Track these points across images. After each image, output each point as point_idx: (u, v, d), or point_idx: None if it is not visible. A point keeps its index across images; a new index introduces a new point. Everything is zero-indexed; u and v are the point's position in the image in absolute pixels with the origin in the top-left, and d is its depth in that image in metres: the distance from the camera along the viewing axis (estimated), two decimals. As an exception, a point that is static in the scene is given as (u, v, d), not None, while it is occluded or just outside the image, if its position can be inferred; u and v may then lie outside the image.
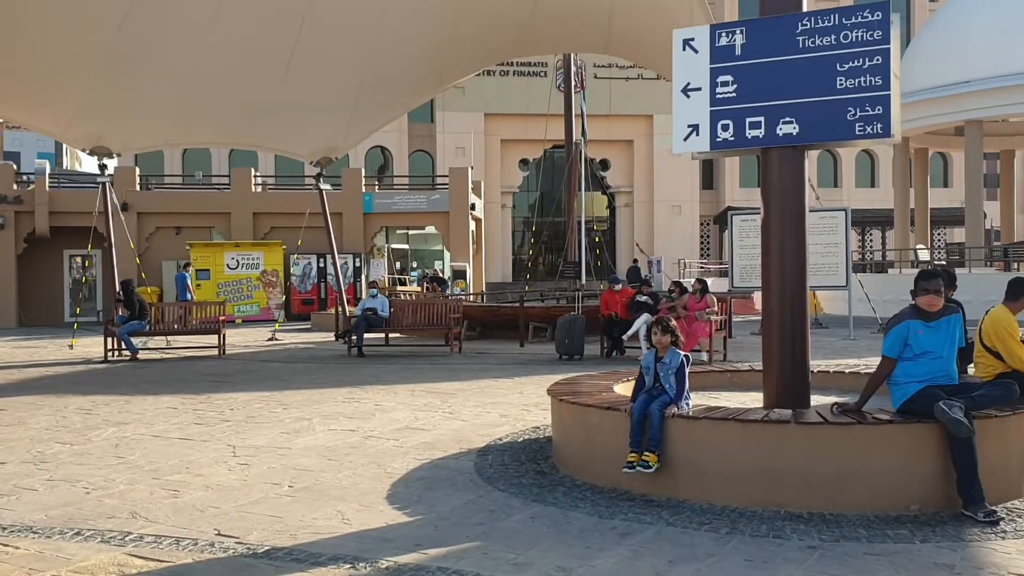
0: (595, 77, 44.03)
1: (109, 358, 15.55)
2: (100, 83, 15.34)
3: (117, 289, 16.44)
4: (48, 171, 27.45)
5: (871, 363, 13.80)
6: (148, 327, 16.03)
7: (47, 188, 26.96)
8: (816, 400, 7.17)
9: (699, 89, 7.02)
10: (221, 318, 16.29)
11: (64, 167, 43.60)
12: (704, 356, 13.53)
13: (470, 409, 9.38)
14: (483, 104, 44.79)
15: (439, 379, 12.09)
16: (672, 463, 5.72)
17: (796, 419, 5.52)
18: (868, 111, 6.46)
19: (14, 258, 26.92)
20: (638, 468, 5.60)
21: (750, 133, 6.85)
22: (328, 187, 19.57)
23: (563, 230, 23.74)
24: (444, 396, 10.38)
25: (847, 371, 8.06)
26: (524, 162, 45.07)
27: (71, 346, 17.91)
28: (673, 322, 6.06)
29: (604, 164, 46.27)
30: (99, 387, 11.84)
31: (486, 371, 12.99)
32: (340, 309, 18.64)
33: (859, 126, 6.51)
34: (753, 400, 7.42)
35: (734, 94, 6.90)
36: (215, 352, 16.10)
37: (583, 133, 28.59)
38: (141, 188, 29.67)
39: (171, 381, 12.35)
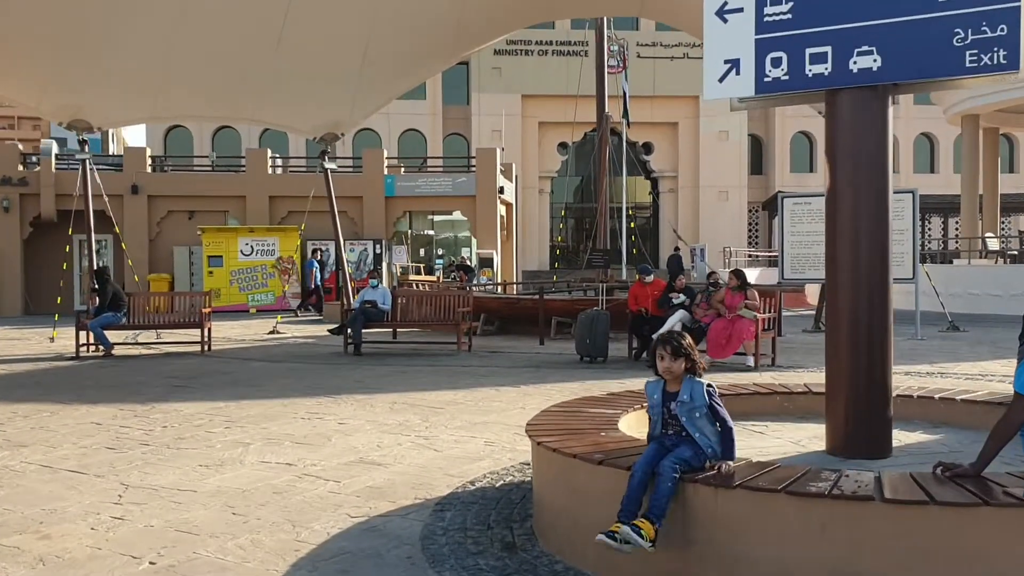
0: (638, 56, 41.95)
1: (81, 354, 13.98)
2: (73, 50, 13.76)
3: (92, 278, 14.82)
4: (55, 151, 26.05)
5: (947, 370, 11.74)
6: (124, 320, 14.41)
7: (53, 170, 25.61)
8: (896, 438, 5.22)
9: (740, 10, 5.08)
10: (205, 310, 14.59)
11: (111, 152, 42.55)
12: (749, 361, 11.55)
13: (452, 432, 7.53)
14: (520, 85, 42.82)
15: (433, 386, 10.26)
16: (692, 549, 3.83)
17: (882, 493, 3.57)
18: (985, 32, 4.46)
19: (19, 243, 25.66)
20: (620, 543, 3.71)
21: (812, 69, 4.90)
22: (333, 167, 17.84)
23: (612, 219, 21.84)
24: (428, 411, 8.55)
25: (937, 396, 6.05)
26: (563, 145, 42.92)
27: (52, 339, 16.42)
28: (687, 339, 4.13)
29: (647, 148, 44.05)
30: (38, 391, 10.24)
31: (491, 375, 11.14)
32: (344, 301, 16.91)
33: (970, 55, 4.53)
34: (811, 437, 5.48)
35: (789, 15, 4.95)
36: (202, 347, 14.44)
37: (625, 115, 26.60)
38: (154, 169, 28.25)
39: (126, 385, 10.69)
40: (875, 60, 4.71)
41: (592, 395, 6.34)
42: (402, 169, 30.09)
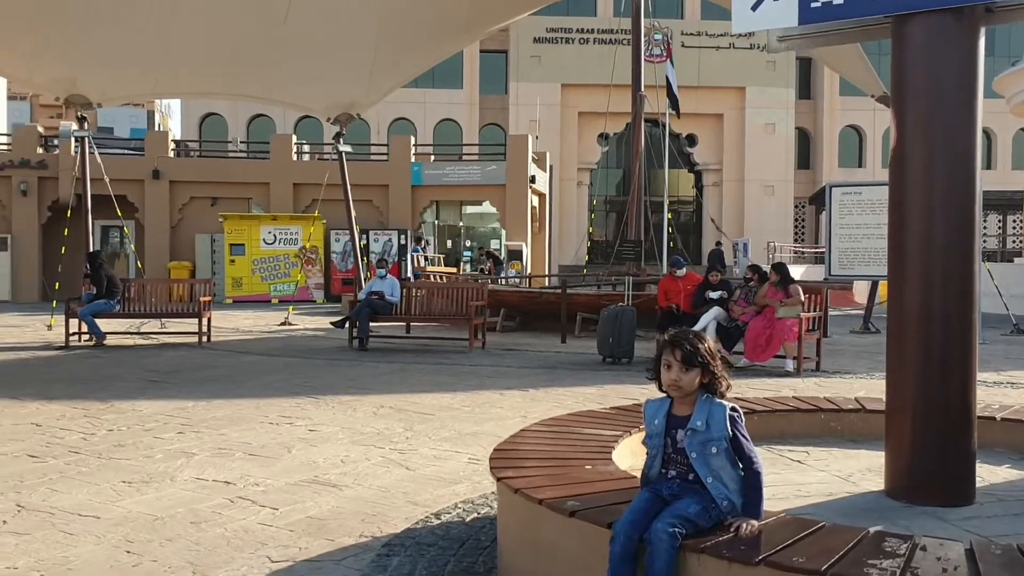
0: (682, 46, 40.52)
1: (72, 343, 13.10)
2: (65, 21, 12.83)
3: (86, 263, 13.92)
4: (75, 133, 25.34)
5: (1017, 379, 10.38)
6: (117, 307, 13.49)
7: (73, 152, 24.89)
8: (978, 475, 4.00)
9: (782, -88, 3.87)
10: (204, 299, 13.62)
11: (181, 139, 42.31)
12: (790, 365, 10.29)
13: (434, 445, 6.41)
14: (560, 74, 41.53)
15: (431, 387, 9.15)
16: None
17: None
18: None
19: (38, 228, 25.04)
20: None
21: (876, -13, 3.67)
22: (348, 149, 16.78)
23: (646, 210, 20.45)
24: (416, 418, 7.44)
25: (1026, 419, 4.80)
26: (604, 136, 41.51)
27: (49, 326, 15.59)
28: (707, 342, 2.94)
29: (691, 139, 42.56)
30: (1, 386, 9.31)
31: (499, 376, 10.00)
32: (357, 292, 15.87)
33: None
34: (865, 470, 4.27)
35: (847, -85, 3.74)
36: (200, 339, 13.48)
37: (671, 105, 25.28)
38: (177, 154, 27.51)
39: (97, 379, 9.73)
40: (964, -28, 3.50)
41: (591, 410, 5.17)
42: (432, 157, 29.04)
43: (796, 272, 25.83)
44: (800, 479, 4.15)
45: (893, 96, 3.85)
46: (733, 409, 2.90)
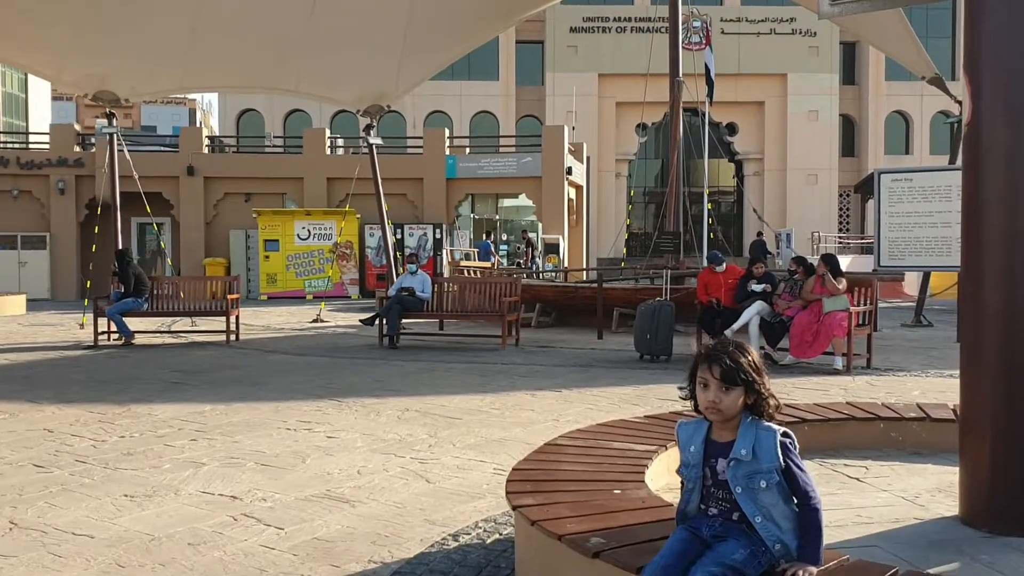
0: (722, 33, 39.74)
1: (100, 342, 12.92)
2: (94, 17, 12.62)
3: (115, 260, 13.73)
4: (104, 129, 25.36)
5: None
6: (145, 306, 13.28)
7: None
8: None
9: None
10: (231, 297, 13.36)
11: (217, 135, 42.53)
12: (839, 362, 9.74)
13: (458, 453, 6.01)
14: (597, 64, 40.90)
15: (460, 388, 8.76)
16: None
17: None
18: None
19: (76, 226, 25.11)
20: None
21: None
22: (379, 142, 16.42)
23: (686, 201, 19.87)
24: (441, 422, 7.05)
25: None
26: (642, 127, 40.78)
27: (81, 325, 15.46)
28: (750, 355, 2.48)
29: (731, 128, 41.72)
30: (18, 386, 9.11)
31: (531, 376, 9.58)
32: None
33: None
34: (933, 490, 3.79)
35: None
36: (227, 337, 13.23)
37: (709, 93, 24.66)
38: (212, 150, 27.42)
39: (119, 381, 9.48)
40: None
41: (623, 419, 4.72)
42: (467, 150, 28.66)
43: (843, 262, 25.13)
44: (860, 501, 3.68)
45: (968, 70, 3.36)
46: (785, 434, 2.45)
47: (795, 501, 2.42)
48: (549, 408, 7.63)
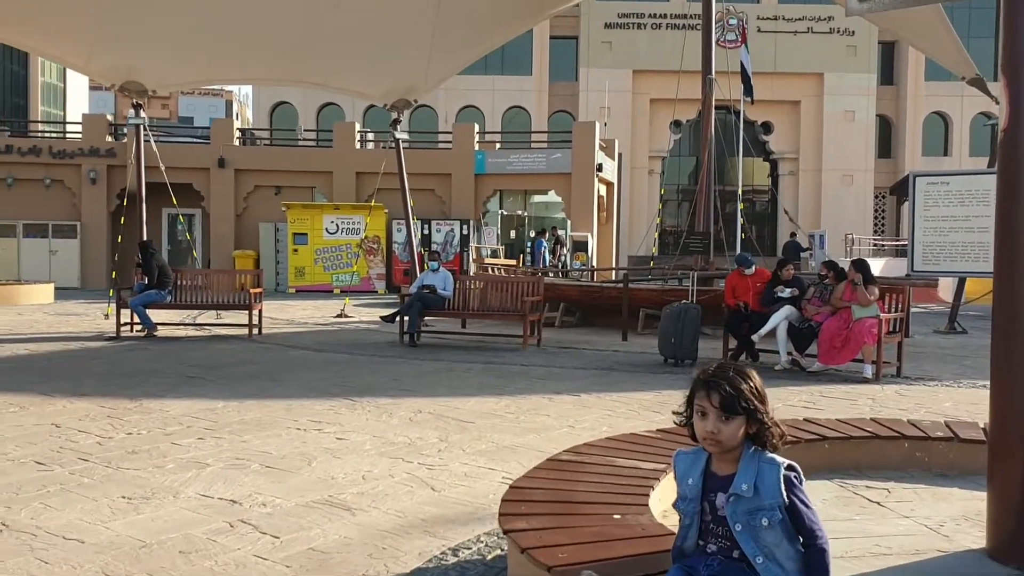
0: (758, 31, 39.33)
1: (122, 334, 12.93)
2: (121, 7, 12.60)
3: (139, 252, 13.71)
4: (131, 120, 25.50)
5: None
6: (168, 298, 13.25)
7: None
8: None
9: None
10: (254, 291, 13.30)
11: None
12: (868, 371, 9.45)
13: (467, 460, 5.84)
14: (631, 60, 40.55)
15: (476, 390, 8.60)
16: None
17: None
18: None
19: (106, 215, 25.25)
20: None
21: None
22: (405, 137, 16.30)
23: (717, 201, 19.55)
24: (454, 426, 6.89)
25: None
26: (677, 124, 40.36)
27: (106, 315, 15.47)
28: (752, 380, 2.27)
29: (766, 127, 41.22)
30: (33, 378, 9.09)
31: (550, 379, 9.39)
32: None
33: None
34: (959, 517, 3.56)
35: None
36: (250, 331, 13.17)
37: (747, 92, 24.33)
38: (243, 143, 27.48)
39: (135, 374, 9.43)
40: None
41: (633, 433, 4.52)
42: (497, 145, 28.49)
43: (876, 266, 24.64)
44: (879, 529, 3.46)
45: (1006, 68, 3.13)
46: (789, 467, 2.24)
47: (800, 540, 2.22)
48: (566, 413, 7.44)
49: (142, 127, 14.63)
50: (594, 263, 24.13)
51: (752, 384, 2.24)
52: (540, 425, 6.95)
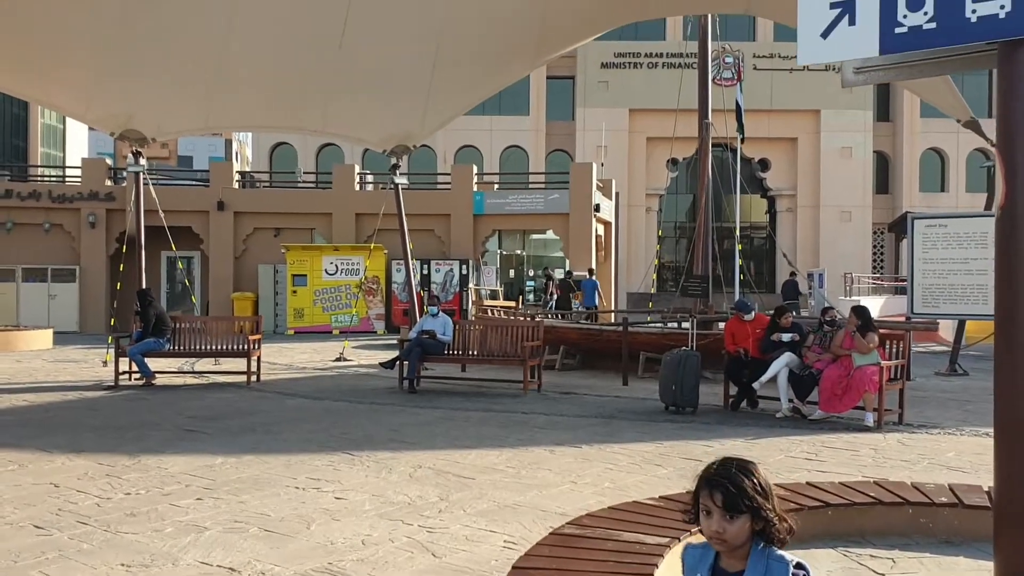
0: (754, 68, 39.72)
1: (121, 382, 12.88)
2: (120, 57, 12.72)
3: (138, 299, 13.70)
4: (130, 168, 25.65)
5: None
6: (167, 346, 13.23)
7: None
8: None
9: (858, -77, 3.21)
10: (252, 337, 13.28)
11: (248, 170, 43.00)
12: (869, 419, 9.42)
13: (469, 521, 5.78)
14: (628, 99, 40.83)
15: (476, 441, 8.55)
16: None
17: None
18: None
19: (105, 259, 25.29)
20: None
21: (977, 9, 2.99)
22: (404, 182, 16.39)
23: (717, 237, 19.58)
24: (454, 482, 6.83)
25: None
26: (673, 162, 40.56)
27: (104, 362, 15.46)
28: (758, 476, 2.26)
29: (763, 164, 41.42)
30: (31, 432, 9.04)
31: (550, 428, 9.35)
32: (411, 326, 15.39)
33: None
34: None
35: (941, -76, 3.06)
36: (248, 379, 13.12)
37: (739, 129, 24.48)
38: (243, 186, 27.60)
39: (132, 427, 9.37)
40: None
41: (636, 501, 4.48)
42: (496, 186, 28.63)
43: (875, 304, 24.62)
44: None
45: (1000, 139, 3.15)
46: (799, 566, 2.22)
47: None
48: (567, 468, 7.39)
49: (141, 174, 14.68)
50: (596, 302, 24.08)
51: (755, 480, 2.23)
52: (542, 481, 6.90)
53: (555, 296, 24.47)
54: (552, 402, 11.30)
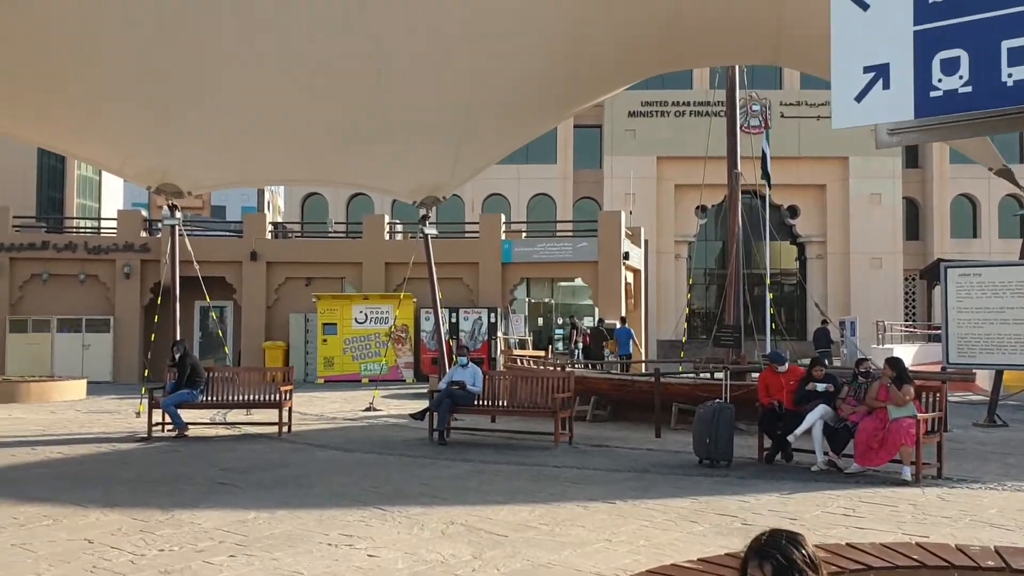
0: (782, 116, 39.85)
1: (155, 433, 12.97)
2: (157, 112, 12.99)
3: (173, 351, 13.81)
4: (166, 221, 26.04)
5: None
6: (200, 397, 13.31)
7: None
8: None
9: (891, -11, 3.24)
10: (284, 388, 13.33)
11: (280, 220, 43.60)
12: (907, 473, 9.26)
13: (502, 579, 5.73)
14: (655, 147, 41.04)
15: (508, 496, 8.49)
16: None
17: None
18: None
19: (140, 309, 25.61)
20: None
21: (1013, 74, 3.00)
22: (434, 232, 16.52)
23: (748, 284, 19.51)
24: (486, 541, 6.77)
25: None
26: (702, 209, 40.59)
27: (138, 413, 15.56)
28: (805, 548, 2.23)
29: (792, 211, 41.33)
30: (64, 485, 9.11)
31: (583, 482, 9.27)
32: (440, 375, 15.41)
33: None
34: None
35: (974, -10, 3.08)
36: (279, 430, 13.15)
37: (765, 176, 24.50)
38: (275, 236, 27.92)
39: (165, 481, 9.42)
40: None
41: (674, 564, 4.41)
42: (523, 235, 28.76)
43: (908, 353, 24.28)
44: None
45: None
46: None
47: None
48: (601, 525, 7.31)
49: (177, 227, 14.91)
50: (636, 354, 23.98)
51: (804, 552, 2.21)
52: (575, 539, 6.82)
53: (580, 345, 24.45)
54: (584, 455, 11.22)
